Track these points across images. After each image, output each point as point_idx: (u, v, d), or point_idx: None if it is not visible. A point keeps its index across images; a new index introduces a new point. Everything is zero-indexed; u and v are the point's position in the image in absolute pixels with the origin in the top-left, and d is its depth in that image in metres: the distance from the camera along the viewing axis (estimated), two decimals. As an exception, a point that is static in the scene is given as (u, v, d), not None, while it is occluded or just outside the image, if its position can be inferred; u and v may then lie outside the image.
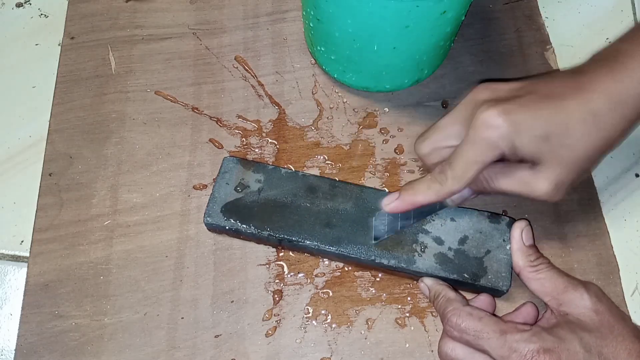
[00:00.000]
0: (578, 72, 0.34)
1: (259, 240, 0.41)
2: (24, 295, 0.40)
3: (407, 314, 0.40)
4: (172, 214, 0.43)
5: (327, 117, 0.47)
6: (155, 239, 0.42)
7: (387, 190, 0.42)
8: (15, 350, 0.39)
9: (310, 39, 0.46)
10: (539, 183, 0.34)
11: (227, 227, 0.40)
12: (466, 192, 0.38)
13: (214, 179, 0.44)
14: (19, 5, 0.53)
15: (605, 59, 0.33)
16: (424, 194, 0.37)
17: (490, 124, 0.32)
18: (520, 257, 0.37)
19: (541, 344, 0.32)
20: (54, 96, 0.47)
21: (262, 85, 0.48)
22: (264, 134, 0.46)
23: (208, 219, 0.40)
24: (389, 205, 0.38)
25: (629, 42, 0.32)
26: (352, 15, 0.38)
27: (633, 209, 0.44)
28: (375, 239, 0.39)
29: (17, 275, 0.42)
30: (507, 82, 0.35)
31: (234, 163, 0.42)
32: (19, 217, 0.44)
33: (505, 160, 0.35)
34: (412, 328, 0.39)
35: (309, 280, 0.41)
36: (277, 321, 0.40)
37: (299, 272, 0.41)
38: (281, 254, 0.42)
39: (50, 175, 0.44)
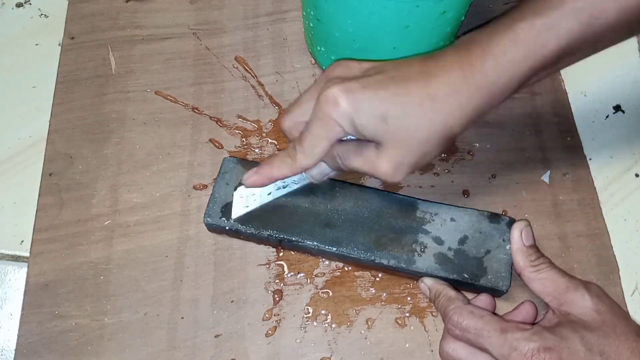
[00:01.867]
0: (430, 56, 0.34)
1: (259, 240, 0.41)
2: (24, 295, 0.40)
3: (407, 314, 0.40)
4: (172, 214, 0.43)
5: (327, 117, 0.47)
6: (155, 239, 0.42)
7: (386, 190, 0.42)
8: (15, 350, 0.39)
9: (310, 39, 0.46)
10: (380, 163, 0.34)
11: (227, 227, 0.40)
12: (324, 167, 0.37)
13: (214, 179, 0.44)
14: (19, 5, 0.53)
15: (458, 47, 0.33)
16: (277, 168, 0.37)
17: (331, 101, 0.33)
18: (520, 257, 0.37)
19: (542, 343, 0.32)
20: (54, 96, 0.47)
21: (262, 85, 0.48)
22: (264, 134, 0.46)
23: (208, 219, 0.40)
24: (248, 179, 0.38)
25: (486, 34, 0.32)
26: (352, 15, 0.38)
27: (633, 209, 0.44)
28: (234, 214, 0.40)
29: (17, 275, 0.42)
30: (362, 61, 0.35)
31: (234, 163, 0.42)
32: (19, 217, 0.44)
33: (359, 139, 0.35)
34: (412, 328, 0.39)
35: (309, 280, 0.41)
36: (277, 321, 0.40)
37: (299, 272, 0.41)
38: (281, 254, 0.42)
39: (50, 175, 0.44)
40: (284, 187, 0.40)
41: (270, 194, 0.40)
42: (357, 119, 0.33)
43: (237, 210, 0.40)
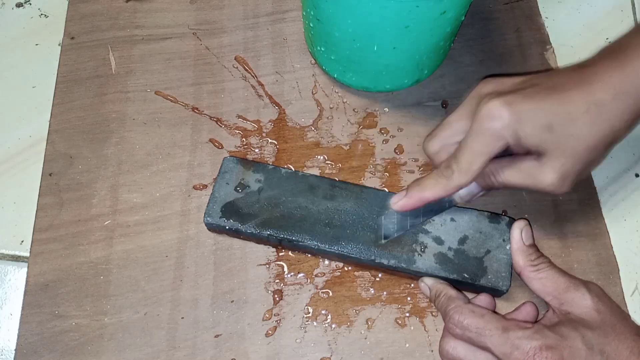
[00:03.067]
0: (582, 65, 0.34)
1: (259, 240, 0.41)
2: (24, 295, 0.40)
3: (407, 314, 0.40)
4: (172, 214, 0.43)
5: (327, 117, 0.47)
6: (155, 239, 0.42)
7: (386, 190, 0.42)
8: (15, 350, 0.39)
9: (310, 39, 0.46)
10: (544, 174, 0.34)
11: (227, 227, 0.40)
12: (474, 187, 0.37)
13: (214, 179, 0.44)
14: (19, 5, 0.53)
15: (610, 52, 0.33)
16: (431, 189, 0.37)
17: (493, 115, 0.33)
18: (520, 257, 0.37)
19: (543, 341, 0.32)
20: (54, 96, 0.47)
21: (262, 85, 0.48)
22: (264, 134, 0.46)
23: (208, 219, 0.40)
24: (397, 203, 0.38)
25: (633, 36, 0.33)
26: (352, 15, 0.38)
27: (633, 209, 0.44)
28: (385, 237, 0.39)
29: (17, 275, 0.42)
30: (511, 77, 0.35)
31: (234, 163, 0.42)
32: (19, 217, 0.44)
33: (511, 153, 0.35)
34: (412, 328, 0.39)
35: (309, 280, 0.41)
36: (277, 321, 0.40)
37: (299, 272, 0.41)
38: (281, 254, 0.42)
39: (50, 175, 0.44)
40: (424, 214, 0.39)
41: (418, 217, 0.39)
42: (521, 130, 0.32)
43: (388, 233, 0.39)
